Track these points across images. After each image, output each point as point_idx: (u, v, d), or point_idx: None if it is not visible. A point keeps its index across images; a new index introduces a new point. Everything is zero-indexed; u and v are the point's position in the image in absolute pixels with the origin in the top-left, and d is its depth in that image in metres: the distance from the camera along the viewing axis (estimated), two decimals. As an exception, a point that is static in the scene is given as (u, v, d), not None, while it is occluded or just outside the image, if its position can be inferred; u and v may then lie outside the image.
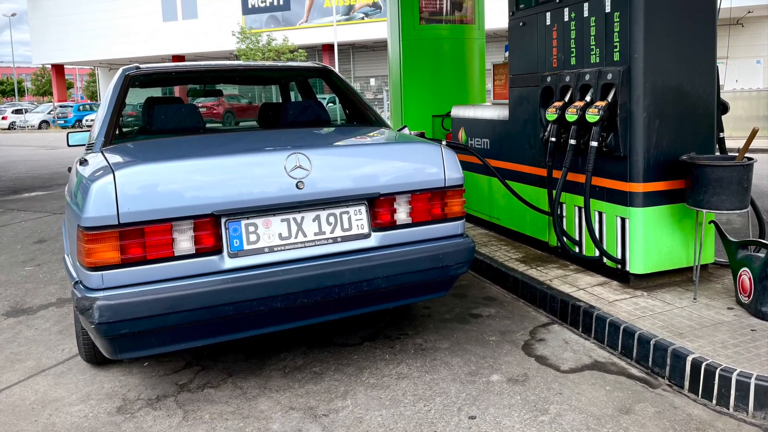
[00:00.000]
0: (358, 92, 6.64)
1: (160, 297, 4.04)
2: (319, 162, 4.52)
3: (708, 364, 4.37)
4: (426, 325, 5.84)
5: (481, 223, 8.93)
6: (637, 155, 5.73)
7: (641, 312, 5.39)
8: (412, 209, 4.84)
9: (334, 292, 4.49)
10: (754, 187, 5.71)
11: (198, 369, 5.11)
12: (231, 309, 4.22)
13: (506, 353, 5.21)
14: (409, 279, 4.80)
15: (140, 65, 5.96)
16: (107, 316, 3.92)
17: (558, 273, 6.55)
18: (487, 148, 8.40)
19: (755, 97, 23.09)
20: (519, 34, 7.46)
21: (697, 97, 5.84)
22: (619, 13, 5.78)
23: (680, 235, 5.93)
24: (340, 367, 5.05)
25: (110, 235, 3.97)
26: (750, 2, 34.06)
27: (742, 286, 5.35)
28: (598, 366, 4.94)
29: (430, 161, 4.96)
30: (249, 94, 48.38)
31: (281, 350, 5.39)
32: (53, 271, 8.17)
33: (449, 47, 11.15)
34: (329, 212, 4.58)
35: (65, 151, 28.33)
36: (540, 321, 5.88)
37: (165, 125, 5.61)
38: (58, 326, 6.19)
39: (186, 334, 4.30)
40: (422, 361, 5.09)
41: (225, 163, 4.40)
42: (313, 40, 51.25)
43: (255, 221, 4.36)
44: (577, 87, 6.26)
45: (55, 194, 15.18)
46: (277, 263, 4.38)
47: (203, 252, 4.22)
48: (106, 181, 3.98)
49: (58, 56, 61.43)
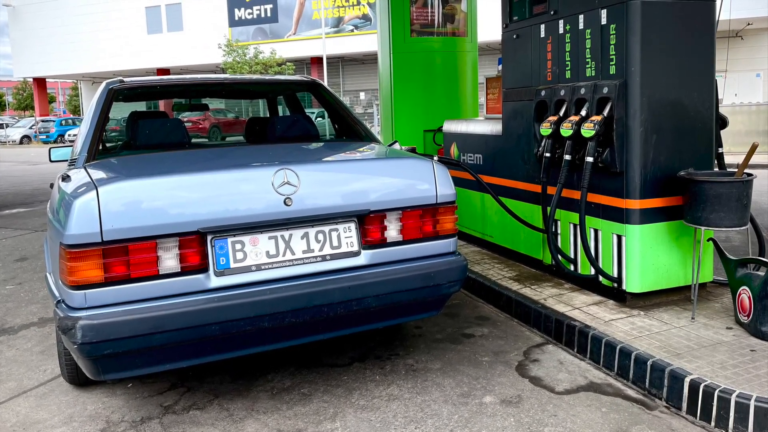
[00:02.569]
0: (348, 106, 6.65)
1: (145, 316, 4.03)
2: (307, 178, 4.53)
3: (706, 386, 4.37)
4: (417, 345, 5.85)
5: (473, 241, 8.94)
6: (634, 171, 5.75)
7: (638, 332, 5.40)
8: (403, 226, 4.85)
9: (323, 311, 4.49)
10: (754, 203, 5.73)
11: (183, 390, 5.11)
12: (217, 329, 4.21)
13: (499, 374, 5.21)
14: (400, 298, 4.80)
15: (124, 79, 5.98)
16: (90, 336, 3.90)
17: (552, 292, 6.56)
18: (479, 164, 8.42)
19: (755, 111, 23.18)
20: (512, 47, 7.49)
21: (695, 111, 5.86)
22: (616, 25, 5.81)
23: (678, 253, 5.95)
24: (329, 388, 5.05)
25: (93, 252, 3.96)
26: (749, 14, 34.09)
27: (742, 306, 5.36)
28: (593, 387, 4.94)
29: (421, 177, 4.96)
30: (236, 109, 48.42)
31: (269, 371, 5.39)
32: (35, 290, 8.16)
33: (441, 60, 11.16)
34: (318, 229, 4.58)
35: (47, 166, 28.28)
36: (534, 341, 5.89)
37: (149, 140, 5.61)
38: (39, 346, 6.18)
39: (171, 355, 4.29)
40: (413, 382, 5.09)
41: (211, 179, 4.40)
42: (302, 52, 51.25)
43: (242, 239, 4.36)
44: (572, 101, 6.28)
45: (37, 211, 15.15)
46: (264, 282, 4.37)
47: (189, 270, 4.21)
48: (89, 197, 3.98)
49: (40, 69, 61.33)
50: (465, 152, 8.84)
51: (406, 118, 11.20)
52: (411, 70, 11.12)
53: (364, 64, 52.88)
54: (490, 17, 13.77)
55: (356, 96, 53.62)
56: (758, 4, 31.84)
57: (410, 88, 11.16)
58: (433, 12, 11.03)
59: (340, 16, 50.33)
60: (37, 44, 59.48)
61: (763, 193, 12.61)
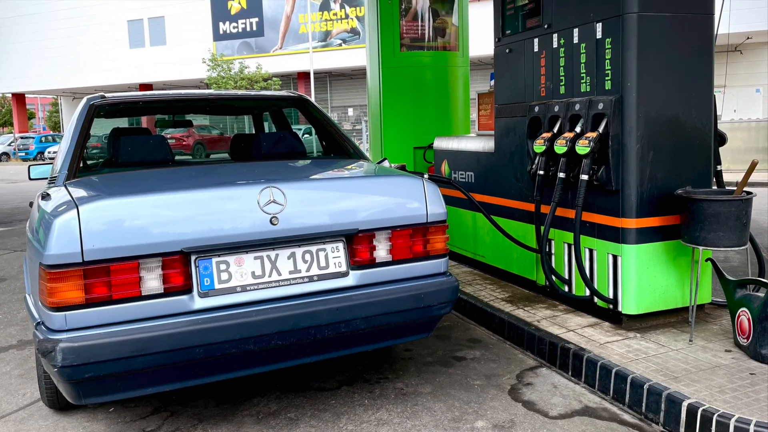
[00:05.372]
0: (336, 123, 6.67)
1: (127, 339, 4.02)
2: (294, 196, 4.54)
3: (705, 410, 4.38)
4: (407, 369, 5.85)
5: (465, 261, 8.95)
6: (630, 189, 5.77)
7: (634, 354, 5.41)
8: (393, 246, 4.86)
9: (310, 333, 4.49)
10: (754, 222, 5.75)
11: (166, 415, 5.10)
12: (201, 352, 4.20)
13: (492, 398, 5.21)
14: (390, 320, 4.80)
15: (106, 94, 5.98)
16: (71, 359, 3.90)
17: (546, 313, 6.57)
18: (471, 182, 8.44)
19: (754, 127, 23.20)
20: (505, 62, 7.51)
21: (693, 127, 5.88)
22: (611, 39, 5.83)
23: (675, 273, 5.96)
24: (317, 413, 5.04)
25: (74, 273, 3.96)
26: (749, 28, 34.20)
27: (741, 328, 5.38)
28: (588, 411, 4.95)
29: (411, 195, 4.98)
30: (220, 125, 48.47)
31: (254, 395, 5.38)
32: (14, 312, 8.14)
33: (432, 75, 11.19)
34: (305, 249, 4.59)
35: (27, 184, 28.23)
36: (527, 364, 5.89)
37: (132, 157, 5.61)
38: (18, 370, 6.16)
39: (154, 378, 4.29)
40: (403, 407, 5.09)
41: (195, 198, 4.41)
42: (288, 67, 51.34)
43: (227, 259, 4.36)
44: (566, 117, 6.29)
45: (16, 230, 15.11)
46: (250, 303, 4.37)
47: (172, 291, 4.21)
48: (70, 216, 3.98)
49: (19, 84, 61.28)
50: (456, 170, 8.85)
51: (396, 134, 11.20)
52: (401, 86, 11.12)
53: (353, 79, 53.00)
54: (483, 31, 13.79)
55: (344, 112, 53.70)
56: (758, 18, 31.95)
57: (400, 104, 11.16)
58: (424, 25, 11.06)
59: (327, 30, 50.45)
60: (16, 59, 59.45)
61: (763, 211, 12.64)
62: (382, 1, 10.94)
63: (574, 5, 6.29)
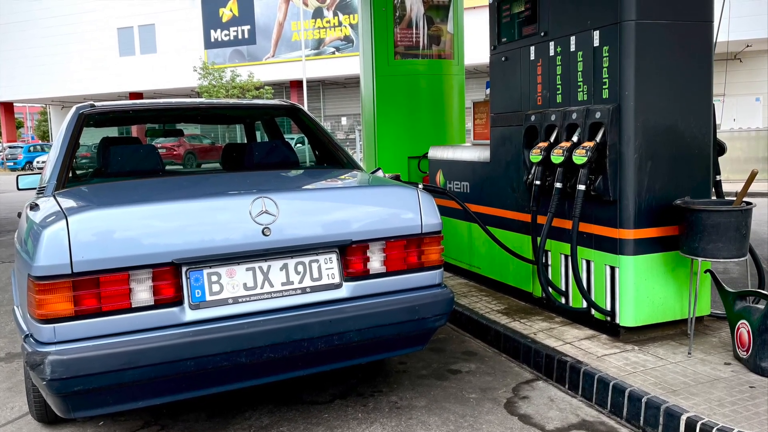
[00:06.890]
0: (329, 132, 6.67)
1: (117, 351, 4.02)
2: (286, 207, 4.54)
3: (704, 424, 4.38)
4: (401, 382, 5.85)
5: (460, 273, 8.95)
6: (628, 200, 5.77)
7: (632, 367, 5.41)
8: (387, 257, 4.86)
9: (303, 346, 4.48)
10: (753, 233, 5.75)
11: (157, 428, 5.09)
12: (192, 364, 4.20)
13: (487, 412, 5.21)
14: (384, 332, 4.80)
15: (95, 103, 5.98)
16: (60, 371, 3.90)
17: (543, 326, 6.58)
18: (466, 192, 8.45)
19: (754, 137, 23.23)
20: (501, 70, 7.52)
21: (692, 137, 5.89)
22: (609, 47, 5.84)
23: (674, 285, 5.96)
24: (310, 426, 5.04)
25: (63, 285, 3.96)
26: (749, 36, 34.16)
27: (740, 340, 5.38)
28: (585, 425, 4.95)
29: (405, 206, 4.98)
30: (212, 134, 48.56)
31: (246, 408, 5.37)
32: (2, 324, 8.12)
33: (426, 84, 11.20)
34: (298, 260, 4.59)
35: (15, 195, 28.15)
36: (523, 377, 5.89)
37: (122, 167, 5.61)
38: (7, 383, 6.15)
39: (144, 392, 4.28)
40: (397, 421, 5.09)
41: (186, 208, 4.41)
42: (281, 76, 51.28)
43: (218, 270, 4.36)
44: (563, 126, 6.30)
45: (4, 241, 15.08)
46: (241, 315, 4.37)
47: (162, 303, 4.21)
48: (59, 227, 3.98)
49: (7, 93, 61.12)
50: (451, 180, 8.86)
51: (390, 144, 11.21)
52: (395, 94, 11.14)
53: (346, 87, 52.99)
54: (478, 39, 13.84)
55: (337, 121, 53.65)
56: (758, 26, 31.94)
57: (394, 113, 11.18)
58: (418, 33, 11.07)
59: (320, 38, 50.42)
60: (4, 67, 59.32)
61: (763, 222, 12.66)
62: (376, 9, 10.96)
63: (571, 13, 6.30)
